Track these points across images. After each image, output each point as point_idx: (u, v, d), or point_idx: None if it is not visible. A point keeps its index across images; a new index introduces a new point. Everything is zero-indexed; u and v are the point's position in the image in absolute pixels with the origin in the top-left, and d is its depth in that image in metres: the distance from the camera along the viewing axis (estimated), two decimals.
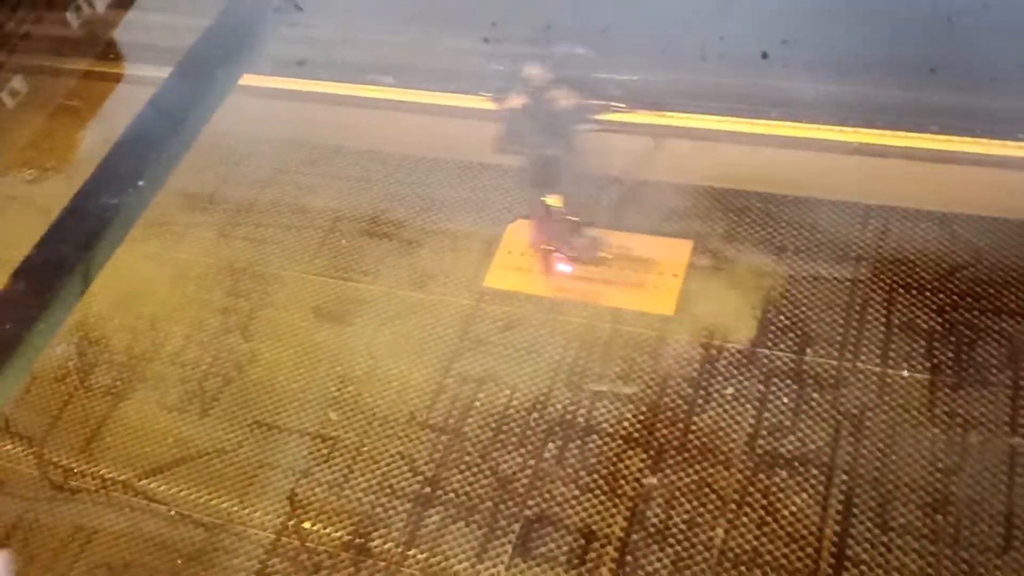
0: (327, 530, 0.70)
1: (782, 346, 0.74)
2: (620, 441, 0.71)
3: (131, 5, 1.18)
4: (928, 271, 0.76)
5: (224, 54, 1.06)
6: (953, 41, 0.86)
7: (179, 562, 0.70)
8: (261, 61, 1.06)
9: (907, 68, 0.85)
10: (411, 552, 0.68)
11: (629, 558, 0.64)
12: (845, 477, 0.66)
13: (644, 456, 0.69)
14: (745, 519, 0.65)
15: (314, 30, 1.05)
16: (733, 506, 0.65)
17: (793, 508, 0.65)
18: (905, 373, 0.69)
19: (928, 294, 0.74)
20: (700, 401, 0.72)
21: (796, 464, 0.67)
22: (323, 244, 0.90)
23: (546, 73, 0.83)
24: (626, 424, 0.71)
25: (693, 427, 0.70)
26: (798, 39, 0.87)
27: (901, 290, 0.75)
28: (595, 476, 0.69)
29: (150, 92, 1.03)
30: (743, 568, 0.62)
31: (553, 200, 0.82)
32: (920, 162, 0.79)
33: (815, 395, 0.70)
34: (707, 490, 0.67)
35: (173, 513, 0.73)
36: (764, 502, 0.65)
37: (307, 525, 0.71)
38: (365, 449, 0.74)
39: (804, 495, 0.65)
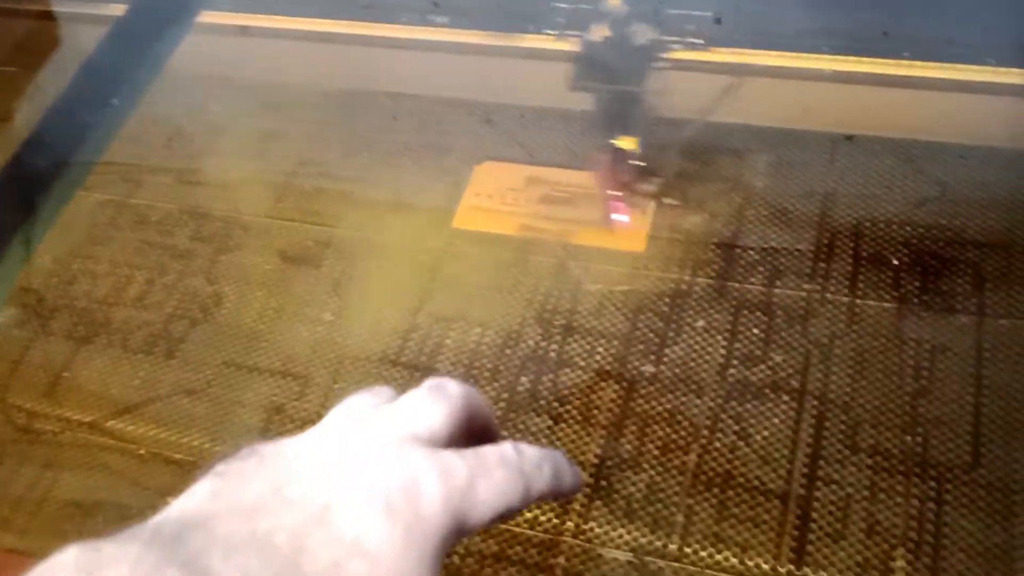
0: None
1: (752, 280, 0.74)
2: (592, 374, 0.71)
3: None
4: (894, 204, 0.77)
5: None
6: None
7: (153, 499, 0.69)
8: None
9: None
10: None
11: (604, 483, 0.65)
12: (816, 403, 0.66)
13: (617, 387, 0.69)
14: (718, 444, 0.65)
15: None
16: (706, 432, 0.66)
17: (765, 433, 0.65)
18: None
19: (895, 227, 0.75)
20: (671, 334, 0.72)
21: (767, 391, 0.68)
22: (287, 188, 0.88)
23: (623, 6, 0.77)
24: (598, 358, 0.72)
25: (665, 359, 0.71)
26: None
27: (868, 223, 0.76)
28: (568, 407, 0.69)
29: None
30: (716, 490, 0.63)
31: (626, 143, 0.77)
32: (887, 88, 0.79)
33: (784, 325, 0.71)
34: (680, 418, 0.67)
35: (143, 452, 0.72)
36: (736, 427, 0.66)
37: None
38: (337, 387, 0.73)
39: (775, 420, 0.66)
